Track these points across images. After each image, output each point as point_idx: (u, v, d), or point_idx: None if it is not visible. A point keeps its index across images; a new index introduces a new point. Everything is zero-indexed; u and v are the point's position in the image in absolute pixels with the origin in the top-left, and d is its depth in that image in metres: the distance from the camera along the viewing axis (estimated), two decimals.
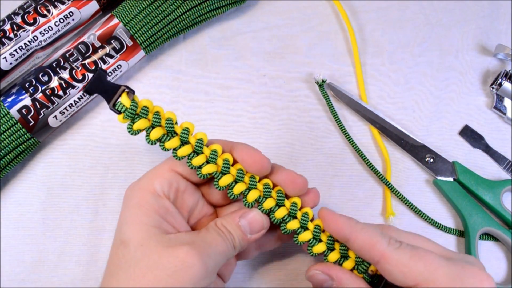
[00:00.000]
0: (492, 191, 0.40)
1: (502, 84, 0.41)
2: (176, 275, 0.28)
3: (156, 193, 0.31)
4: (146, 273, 0.28)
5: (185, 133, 0.30)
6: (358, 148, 0.41)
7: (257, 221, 0.32)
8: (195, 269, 0.28)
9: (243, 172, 0.32)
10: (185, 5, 0.40)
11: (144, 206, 0.30)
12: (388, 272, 0.29)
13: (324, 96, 0.42)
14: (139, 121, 0.29)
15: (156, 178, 0.31)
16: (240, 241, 0.31)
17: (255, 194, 0.32)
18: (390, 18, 0.45)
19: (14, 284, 0.39)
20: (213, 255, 0.29)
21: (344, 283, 0.31)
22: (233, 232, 0.31)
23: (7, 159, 0.37)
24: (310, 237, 0.32)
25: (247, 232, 0.31)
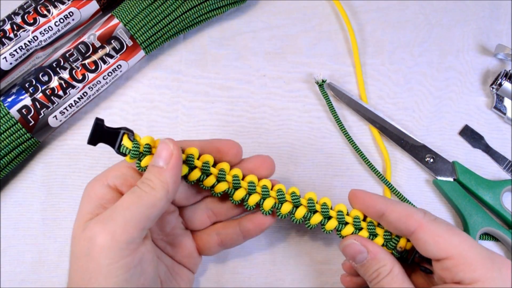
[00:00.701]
0: (492, 191, 0.40)
1: (502, 84, 0.41)
2: (90, 255, 0.27)
3: (106, 184, 0.30)
4: (75, 264, 0.28)
5: (190, 159, 0.32)
6: (358, 148, 0.41)
7: (164, 149, 0.30)
8: (100, 238, 0.27)
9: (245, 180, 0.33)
10: (185, 5, 0.40)
11: (89, 195, 0.30)
12: (423, 242, 0.29)
13: (324, 96, 0.42)
14: (144, 159, 0.31)
15: (111, 172, 0.31)
16: (158, 177, 0.29)
17: (270, 202, 0.33)
18: (390, 18, 0.45)
19: (14, 284, 0.39)
20: (116, 214, 0.27)
21: (379, 257, 0.31)
22: (148, 175, 0.29)
23: (7, 159, 0.37)
24: (336, 224, 0.33)
25: (158, 162, 0.29)
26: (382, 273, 0.31)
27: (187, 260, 0.35)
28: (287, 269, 0.39)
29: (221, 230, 0.35)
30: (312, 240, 0.40)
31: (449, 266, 0.28)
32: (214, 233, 0.35)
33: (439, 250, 0.29)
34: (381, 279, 0.31)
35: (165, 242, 0.34)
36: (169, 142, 0.30)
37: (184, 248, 0.35)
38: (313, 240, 0.40)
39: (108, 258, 0.27)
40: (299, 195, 0.34)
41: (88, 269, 0.27)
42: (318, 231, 0.40)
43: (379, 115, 0.42)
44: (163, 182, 0.29)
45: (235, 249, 0.39)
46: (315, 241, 0.40)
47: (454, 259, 0.28)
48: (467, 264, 0.28)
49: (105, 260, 0.27)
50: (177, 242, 0.34)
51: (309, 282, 0.39)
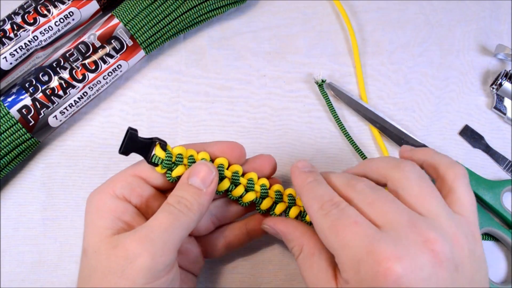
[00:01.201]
0: (492, 191, 0.40)
1: (502, 84, 0.41)
2: (126, 273, 0.26)
3: (114, 195, 0.30)
4: (102, 280, 0.27)
5: (221, 168, 0.32)
6: (358, 148, 0.41)
7: (203, 170, 0.30)
8: (139, 260, 0.26)
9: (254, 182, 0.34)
10: (185, 5, 0.40)
11: (101, 209, 0.29)
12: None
13: (324, 96, 0.42)
14: (176, 169, 0.31)
15: (117, 182, 0.30)
16: (196, 200, 0.29)
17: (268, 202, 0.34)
18: (390, 18, 0.45)
19: (14, 284, 0.39)
20: (156, 235, 0.27)
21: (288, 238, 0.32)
22: (185, 194, 0.29)
23: (7, 159, 0.37)
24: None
25: (197, 183, 0.29)
26: (295, 253, 0.31)
27: (193, 266, 0.35)
28: (286, 269, 0.39)
29: (228, 233, 0.35)
30: None
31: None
32: (221, 235, 0.35)
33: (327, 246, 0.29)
34: (296, 258, 0.31)
35: None
36: (212, 167, 0.30)
37: (190, 254, 0.34)
38: None
39: (145, 278, 0.27)
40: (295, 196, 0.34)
41: (118, 284, 0.26)
42: None
43: (379, 115, 0.42)
44: (200, 204, 0.29)
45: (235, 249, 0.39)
46: None
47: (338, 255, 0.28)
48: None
49: (141, 280, 0.26)
50: (183, 250, 0.34)
51: None
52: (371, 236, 0.25)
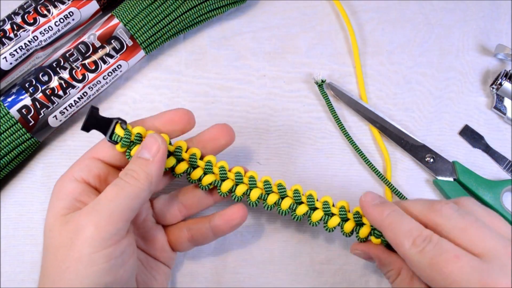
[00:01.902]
0: (492, 191, 0.40)
1: (502, 84, 0.41)
2: (74, 245, 0.27)
3: (73, 179, 0.31)
4: (56, 256, 0.28)
5: (178, 151, 0.33)
6: (358, 148, 0.41)
7: (149, 142, 0.30)
8: (86, 229, 0.27)
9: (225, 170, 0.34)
10: (185, 5, 0.40)
11: (60, 192, 0.30)
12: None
13: (323, 96, 0.42)
14: (134, 148, 0.31)
15: (75, 166, 0.32)
16: (143, 169, 0.29)
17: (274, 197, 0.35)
18: (390, 18, 0.45)
19: (14, 284, 0.39)
20: (101, 206, 0.28)
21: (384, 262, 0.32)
22: (132, 166, 0.30)
23: (7, 159, 0.37)
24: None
25: (144, 154, 0.30)
26: (392, 276, 0.32)
27: (161, 254, 0.35)
28: (287, 269, 0.39)
29: (192, 226, 0.35)
30: (312, 240, 0.40)
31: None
32: (185, 228, 0.36)
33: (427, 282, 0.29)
34: (392, 281, 0.32)
35: (137, 235, 0.35)
36: (157, 137, 0.31)
37: (157, 241, 0.35)
38: (313, 240, 0.40)
39: (91, 247, 0.27)
40: (285, 187, 0.34)
41: (67, 258, 0.27)
42: (318, 232, 0.40)
43: (379, 115, 0.42)
44: (147, 173, 0.30)
45: (235, 249, 0.39)
46: (315, 241, 0.40)
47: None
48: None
49: (88, 249, 0.27)
50: (149, 236, 0.35)
51: (309, 282, 0.39)
52: (478, 268, 0.26)
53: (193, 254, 0.39)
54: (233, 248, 0.40)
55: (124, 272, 0.29)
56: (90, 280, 0.27)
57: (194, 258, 0.39)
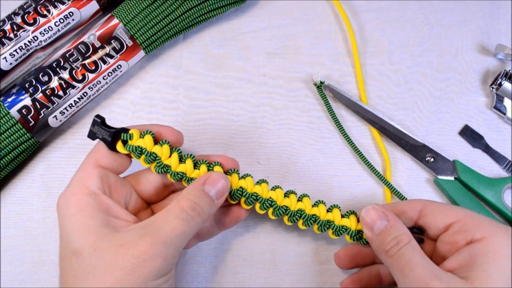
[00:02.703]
0: (493, 189, 0.40)
1: (502, 84, 0.41)
2: (136, 271, 0.27)
3: (92, 192, 0.30)
4: (105, 277, 0.28)
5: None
6: (358, 149, 0.41)
7: (221, 183, 0.31)
8: (153, 261, 0.28)
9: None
10: (185, 5, 0.40)
11: (85, 209, 0.29)
12: (431, 214, 0.32)
13: (322, 97, 0.42)
14: (142, 157, 0.32)
15: (86, 178, 0.31)
16: (208, 209, 0.30)
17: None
18: (390, 18, 0.45)
19: (14, 284, 0.39)
20: (171, 240, 0.29)
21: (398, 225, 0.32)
22: (200, 202, 0.30)
23: (7, 159, 0.37)
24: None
25: (214, 197, 0.31)
26: (402, 240, 0.31)
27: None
28: (287, 269, 0.39)
29: None
30: (312, 240, 0.40)
31: (459, 227, 0.31)
32: None
33: (447, 216, 0.31)
34: (401, 246, 0.30)
35: None
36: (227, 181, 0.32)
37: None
38: (314, 240, 0.40)
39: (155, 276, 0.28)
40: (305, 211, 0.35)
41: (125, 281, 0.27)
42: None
43: (378, 115, 0.42)
44: (209, 214, 0.31)
45: (235, 249, 0.39)
46: (315, 241, 0.40)
47: (462, 220, 0.31)
48: (476, 223, 0.31)
49: (151, 277, 0.28)
50: None
51: (309, 282, 0.39)
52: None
53: (193, 254, 0.39)
54: (233, 248, 0.40)
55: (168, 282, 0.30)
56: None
57: (194, 258, 0.39)
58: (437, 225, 0.32)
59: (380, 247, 0.31)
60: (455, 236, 0.31)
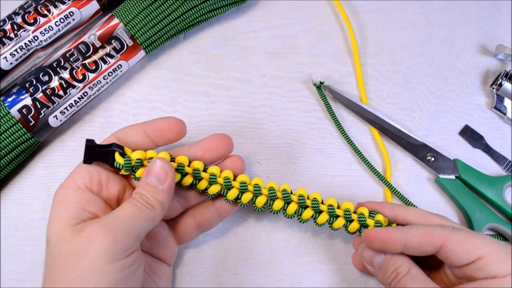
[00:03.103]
0: (494, 187, 0.40)
1: (502, 84, 0.41)
2: (86, 254, 0.28)
3: (77, 187, 0.31)
4: (65, 264, 0.28)
5: (181, 166, 0.33)
6: (358, 149, 0.41)
7: (157, 169, 0.31)
8: (100, 241, 0.28)
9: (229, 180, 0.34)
10: (185, 5, 0.40)
11: (65, 201, 0.31)
12: (452, 253, 0.30)
13: (322, 98, 0.42)
14: (138, 171, 0.33)
15: (77, 173, 0.32)
16: (155, 197, 0.31)
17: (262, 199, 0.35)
18: (390, 18, 0.45)
19: (14, 284, 0.39)
20: (120, 222, 0.29)
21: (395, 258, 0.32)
22: (145, 192, 0.31)
23: (7, 159, 0.37)
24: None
25: (154, 182, 0.31)
26: (401, 272, 0.31)
27: (164, 250, 0.36)
28: (287, 269, 0.39)
29: (196, 212, 0.36)
30: (312, 240, 0.40)
31: (482, 265, 0.30)
32: (189, 217, 0.36)
33: (470, 254, 0.30)
34: (400, 278, 0.31)
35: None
36: (165, 165, 0.31)
37: (159, 237, 0.35)
38: (313, 241, 0.40)
39: (105, 259, 0.28)
40: (290, 192, 0.35)
41: (78, 267, 0.28)
42: (318, 232, 0.40)
43: (378, 115, 0.42)
44: (159, 202, 0.31)
45: (235, 249, 0.39)
46: (315, 241, 0.40)
47: (486, 258, 0.30)
48: (499, 260, 0.30)
49: (101, 260, 0.28)
50: (152, 233, 0.35)
51: (309, 282, 0.39)
52: None
53: (193, 254, 0.39)
54: (233, 248, 0.40)
55: (134, 281, 0.30)
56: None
57: (194, 258, 0.39)
58: (459, 262, 0.31)
59: (383, 280, 0.32)
60: (476, 272, 0.30)
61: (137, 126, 0.34)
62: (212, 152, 0.35)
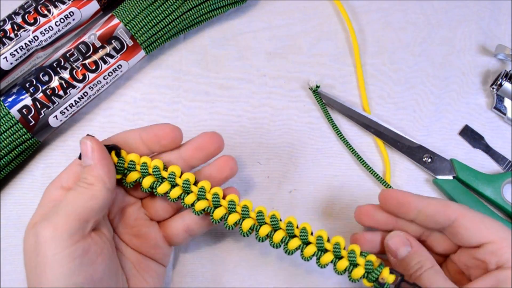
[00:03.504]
0: (492, 185, 0.40)
1: (502, 85, 0.41)
2: (38, 250, 0.28)
3: (60, 187, 0.32)
4: (29, 263, 0.29)
5: (172, 176, 0.33)
6: (356, 152, 0.41)
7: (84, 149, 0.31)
8: (43, 232, 0.28)
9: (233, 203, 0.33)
10: (185, 5, 0.40)
11: (46, 200, 0.31)
12: (465, 229, 0.30)
13: (318, 101, 0.42)
14: (129, 175, 0.33)
15: (64, 173, 0.33)
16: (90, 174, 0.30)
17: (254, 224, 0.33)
18: (390, 19, 0.45)
19: (14, 284, 0.39)
20: (60, 211, 0.29)
21: (420, 251, 0.32)
22: (83, 175, 0.31)
23: (7, 159, 0.37)
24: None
25: (87, 161, 0.31)
26: (425, 265, 0.31)
27: (155, 251, 0.35)
28: (287, 269, 0.39)
29: (186, 215, 0.36)
30: None
31: (493, 249, 0.30)
32: (180, 219, 0.36)
33: (481, 235, 0.30)
34: (423, 271, 0.31)
35: (130, 235, 0.35)
36: (85, 140, 0.31)
37: (150, 238, 0.35)
38: None
39: (52, 249, 0.28)
40: (278, 219, 0.33)
41: (37, 263, 0.28)
42: None
43: (373, 119, 0.41)
44: (97, 176, 0.30)
45: (235, 249, 0.39)
46: None
47: (497, 243, 0.30)
48: (510, 247, 0.30)
49: (50, 251, 0.28)
50: (143, 233, 0.35)
51: (309, 282, 0.39)
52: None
53: (193, 254, 0.39)
54: (233, 248, 0.40)
55: (94, 271, 0.29)
56: (60, 282, 0.28)
57: (194, 258, 0.39)
58: (469, 241, 0.31)
59: (404, 271, 0.32)
60: (487, 256, 0.30)
61: (134, 132, 0.34)
62: (203, 151, 0.34)
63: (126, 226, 0.35)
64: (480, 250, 0.30)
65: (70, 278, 0.28)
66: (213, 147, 0.34)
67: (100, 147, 0.31)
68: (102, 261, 0.30)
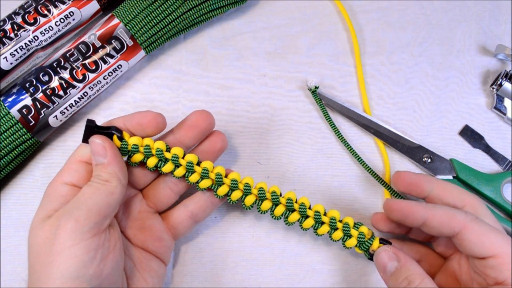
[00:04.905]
0: (492, 184, 0.40)
1: (502, 85, 0.41)
2: (56, 239, 0.29)
3: (63, 183, 0.32)
4: (40, 253, 0.30)
5: (175, 158, 0.34)
6: (356, 153, 0.41)
7: (95, 148, 0.32)
8: (67, 223, 0.29)
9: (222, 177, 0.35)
10: (185, 5, 0.40)
11: (51, 195, 0.32)
12: (468, 242, 0.30)
13: (317, 102, 0.42)
14: (134, 156, 0.34)
15: (64, 171, 0.33)
16: (105, 171, 0.31)
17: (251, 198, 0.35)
18: (390, 18, 0.45)
19: (14, 284, 0.39)
20: (81, 205, 0.30)
21: (408, 265, 0.32)
22: (96, 172, 0.32)
23: (7, 159, 0.37)
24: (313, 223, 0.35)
25: (99, 159, 0.32)
26: (413, 280, 0.31)
27: (159, 243, 0.36)
28: (286, 269, 0.39)
29: (188, 202, 0.36)
30: (312, 240, 0.40)
31: (494, 264, 0.30)
32: (182, 207, 0.37)
33: (484, 249, 0.30)
34: (412, 287, 0.31)
35: (135, 229, 0.35)
36: (96, 139, 0.32)
37: (154, 230, 0.36)
38: (313, 240, 0.40)
39: (71, 240, 0.29)
40: (279, 194, 0.35)
41: (50, 253, 0.29)
42: None
43: (372, 120, 0.41)
44: (112, 173, 0.32)
45: (235, 249, 0.39)
46: (315, 241, 0.40)
47: (499, 258, 0.29)
48: (511, 263, 0.29)
49: (68, 242, 0.29)
50: (146, 226, 0.36)
51: (309, 282, 0.39)
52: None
53: (193, 254, 0.39)
54: (233, 248, 0.40)
55: (105, 266, 0.30)
56: (70, 271, 0.28)
57: (194, 258, 0.39)
58: (472, 253, 0.31)
59: (394, 286, 0.32)
60: (487, 270, 0.30)
61: (118, 120, 0.34)
62: (196, 128, 0.35)
63: (130, 219, 0.35)
64: (482, 262, 0.30)
65: (80, 270, 0.29)
66: (205, 124, 0.36)
67: (111, 145, 0.32)
68: (113, 258, 0.31)
